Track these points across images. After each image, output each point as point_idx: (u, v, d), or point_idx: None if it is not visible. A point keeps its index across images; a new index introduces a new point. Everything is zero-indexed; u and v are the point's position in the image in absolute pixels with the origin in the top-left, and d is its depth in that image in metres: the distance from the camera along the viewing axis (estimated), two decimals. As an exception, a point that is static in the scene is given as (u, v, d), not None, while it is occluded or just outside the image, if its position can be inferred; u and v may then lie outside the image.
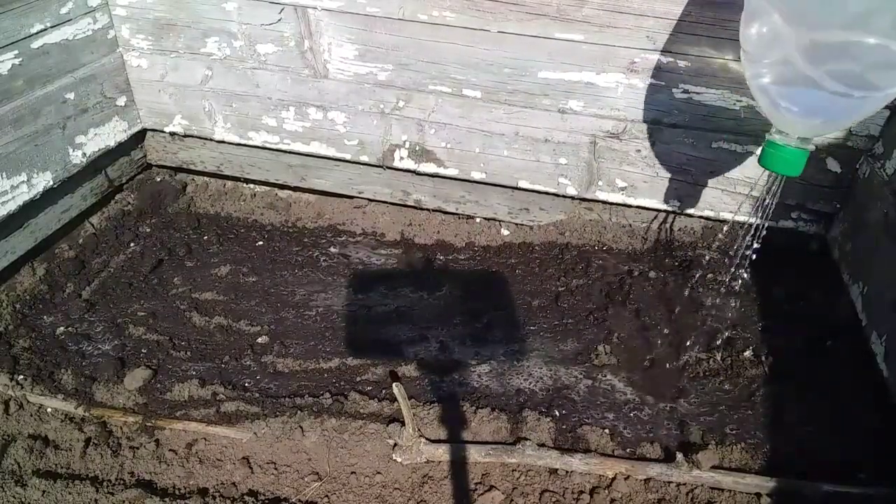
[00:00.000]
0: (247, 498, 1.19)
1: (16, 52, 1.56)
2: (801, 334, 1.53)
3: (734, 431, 1.31)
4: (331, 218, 1.96)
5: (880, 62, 0.93)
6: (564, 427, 1.31)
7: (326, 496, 1.20)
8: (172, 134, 2.02)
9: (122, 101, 1.90)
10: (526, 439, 1.27)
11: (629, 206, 1.80)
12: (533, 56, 1.61)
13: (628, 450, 1.28)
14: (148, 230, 1.89)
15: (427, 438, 1.27)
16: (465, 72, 1.68)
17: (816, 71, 0.97)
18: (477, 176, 1.83)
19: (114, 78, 1.86)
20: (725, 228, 1.70)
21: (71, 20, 1.70)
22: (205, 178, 2.09)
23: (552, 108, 1.68)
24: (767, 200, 1.26)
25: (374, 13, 1.64)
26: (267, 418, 1.31)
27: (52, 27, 1.64)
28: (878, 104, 1.01)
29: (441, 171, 1.84)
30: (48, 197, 1.70)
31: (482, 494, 1.20)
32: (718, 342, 1.50)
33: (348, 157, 1.89)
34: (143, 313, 1.60)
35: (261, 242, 1.86)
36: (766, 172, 1.22)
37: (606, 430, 1.30)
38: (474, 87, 1.70)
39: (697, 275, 1.69)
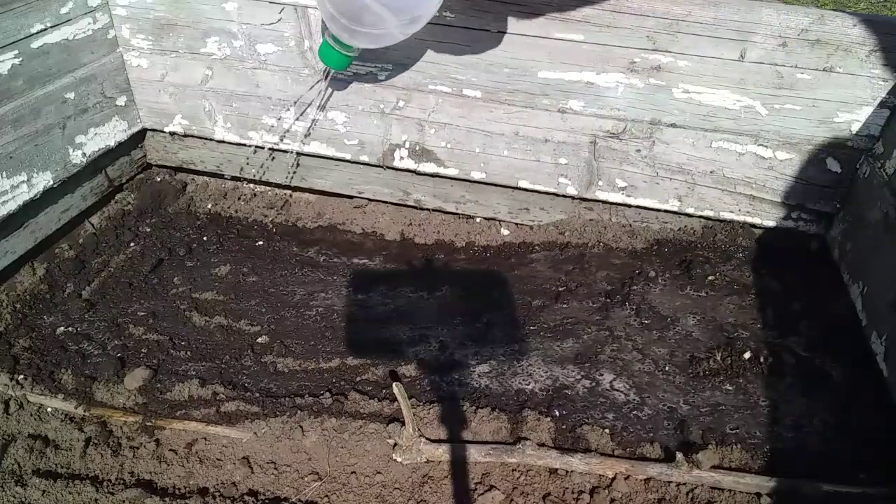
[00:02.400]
0: (247, 498, 1.19)
1: (16, 51, 1.56)
2: (801, 334, 1.53)
3: (734, 431, 1.31)
4: (331, 218, 1.96)
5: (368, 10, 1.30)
6: (564, 427, 1.31)
7: (326, 496, 1.20)
8: (172, 134, 2.02)
9: (122, 101, 1.90)
10: (526, 439, 1.27)
11: (629, 206, 1.80)
12: (533, 56, 1.61)
13: (628, 450, 1.28)
14: (148, 230, 1.89)
15: (427, 438, 1.27)
16: (465, 72, 1.68)
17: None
18: (477, 176, 1.83)
19: (114, 78, 1.86)
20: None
21: (71, 20, 1.70)
22: (205, 177, 2.09)
23: (552, 107, 1.68)
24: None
25: (374, 13, 1.64)
26: (267, 418, 1.31)
27: (52, 27, 1.64)
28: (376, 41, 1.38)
29: (441, 170, 1.84)
30: (48, 197, 1.70)
31: (482, 494, 1.20)
32: (719, 342, 1.50)
33: (348, 156, 1.89)
34: (143, 313, 1.60)
35: (261, 242, 1.86)
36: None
37: (606, 430, 1.30)
38: (474, 87, 1.70)
39: (697, 274, 1.69)
